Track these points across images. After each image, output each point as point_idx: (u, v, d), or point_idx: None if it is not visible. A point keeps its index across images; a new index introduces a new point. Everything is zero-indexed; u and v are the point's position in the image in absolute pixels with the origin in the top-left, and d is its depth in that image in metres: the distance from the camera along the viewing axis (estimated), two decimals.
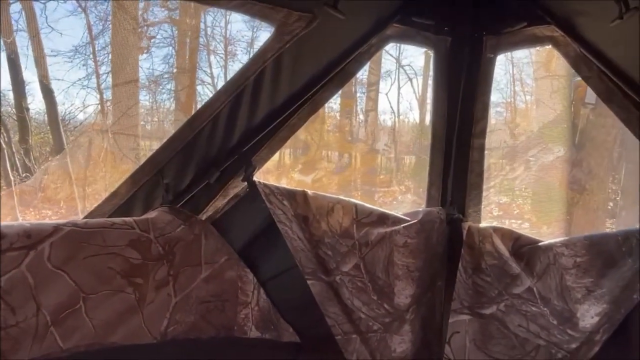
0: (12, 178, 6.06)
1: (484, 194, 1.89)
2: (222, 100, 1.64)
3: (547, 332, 1.64)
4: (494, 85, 1.90)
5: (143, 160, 1.75)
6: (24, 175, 6.58)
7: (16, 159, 6.60)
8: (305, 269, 1.73)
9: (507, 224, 1.81)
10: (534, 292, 1.68)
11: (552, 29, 1.68)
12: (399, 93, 8.25)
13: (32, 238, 1.38)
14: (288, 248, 1.72)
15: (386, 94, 8.11)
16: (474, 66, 1.81)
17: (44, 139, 7.57)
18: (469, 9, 1.81)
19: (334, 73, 1.73)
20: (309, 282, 1.73)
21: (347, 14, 1.61)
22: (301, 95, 1.72)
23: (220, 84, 7.98)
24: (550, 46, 1.75)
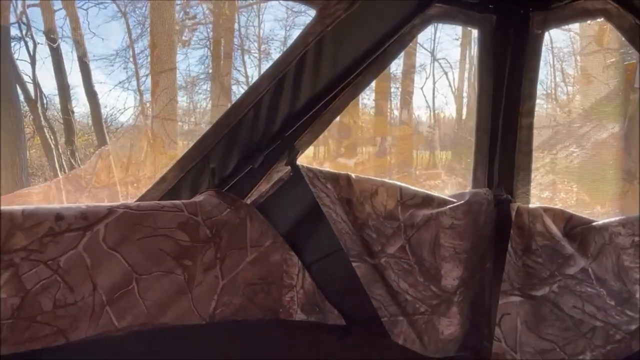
0: (60, 178, 6.34)
1: (533, 174, 1.84)
2: (264, 86, 1.65)
3: (605, 313, 1.58)
4: None
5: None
6: (69, 175, 6.88)
7: (63, 160, 6.90)
8: (350, 251, 1.72)
9: (558, 205, 1.75)
10: (588, 273, 1.61)
11: (604, 0, 1.61)
12: (434, 87, 8.14)
13: (88, 219, 1.43)
14: (332, 231, 1.72)
15: (421, 89, 8.02)
16: (521, 43, 1.76)
17: (88, 140, 7.89)
18: None
19: (376, 55, 1.72)
20: (354, 264, 1.72)
21: None
22: (343, 78, 1.71)
23: None
24: (602, 19, 1.68)
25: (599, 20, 1.77)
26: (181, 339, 1.61)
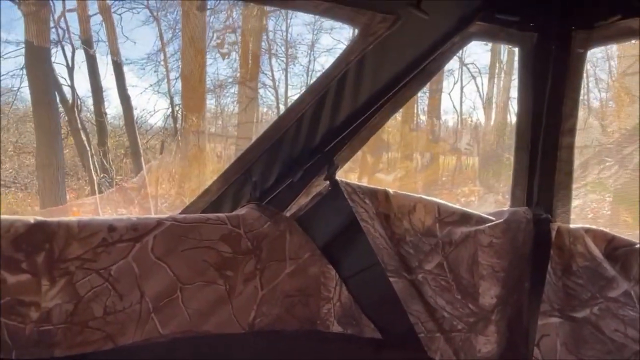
0: (94, 178, 6.54)
1: (574, 193, 1.82)
2: (306, 102, 1.69)
3: None
4: None
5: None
6: (101, 175, 7.08)
7: (95, 160, 7.10)
8: (387, 266, 1.74)
9: (599, 226, 1.72)
10: (631, 296, 1.59)
11: None
12: (461, 92, 8.08)
13: (138, 231, 1.49)
14: (370, 245, 1.74)
15: (449, 94, 7.97)
16: (562, 62, 1.75)
17: (119, 141, 8.11)
18: (557, 2, 1.75)
19: (415, 72, 1.74)
20: (391, 279, 1.74)
21: (430, 13, 1.61)
22: (383, 95, 1.73)
23: (282, 86, 8.19)
24: None
25: None
26: (221, 347, 1.65)
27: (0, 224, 1.34)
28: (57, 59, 6.78)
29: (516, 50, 1.86)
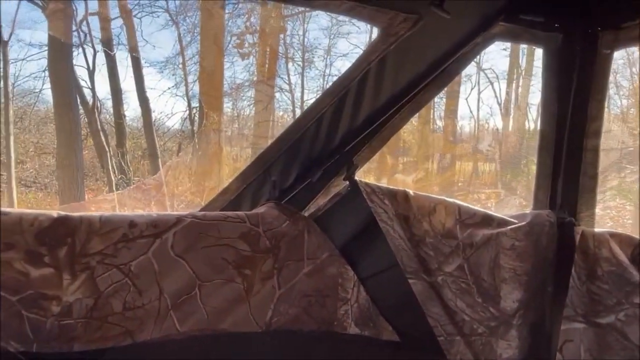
0: (112, 179, 6.63)
1: (599, 197, 1.78)
2: (326, 102, 1.68)
3: None
4: None
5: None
6: (119, 176, 7.18)
7: (113, 162, 7.20)
8: (406, 268, 1.72)
9: (624, 230, 1.69)
10: None
11: None
12: (479, 97, 8.00)
13: (158, 227, 1.50)
14: (389, 247, 1.73)
15: (466, 99, 7.90)
16: (588, 63, 1.72)
17: (136, 143, 8.21)
18: (582, 3, 1.73)
19: (437, 73, 1.72)
20: (410, 281, 1.72)
21: (452, 14, 1.60)
22: (403, 95, 1.72)
23: (298, 90, 8.22)
24: None
25: None
26: (238, 345, 1.65)
27: (24, 217, 1.36)
28: (78, 61, 6.90)
29: (535, 54, 1.84)
